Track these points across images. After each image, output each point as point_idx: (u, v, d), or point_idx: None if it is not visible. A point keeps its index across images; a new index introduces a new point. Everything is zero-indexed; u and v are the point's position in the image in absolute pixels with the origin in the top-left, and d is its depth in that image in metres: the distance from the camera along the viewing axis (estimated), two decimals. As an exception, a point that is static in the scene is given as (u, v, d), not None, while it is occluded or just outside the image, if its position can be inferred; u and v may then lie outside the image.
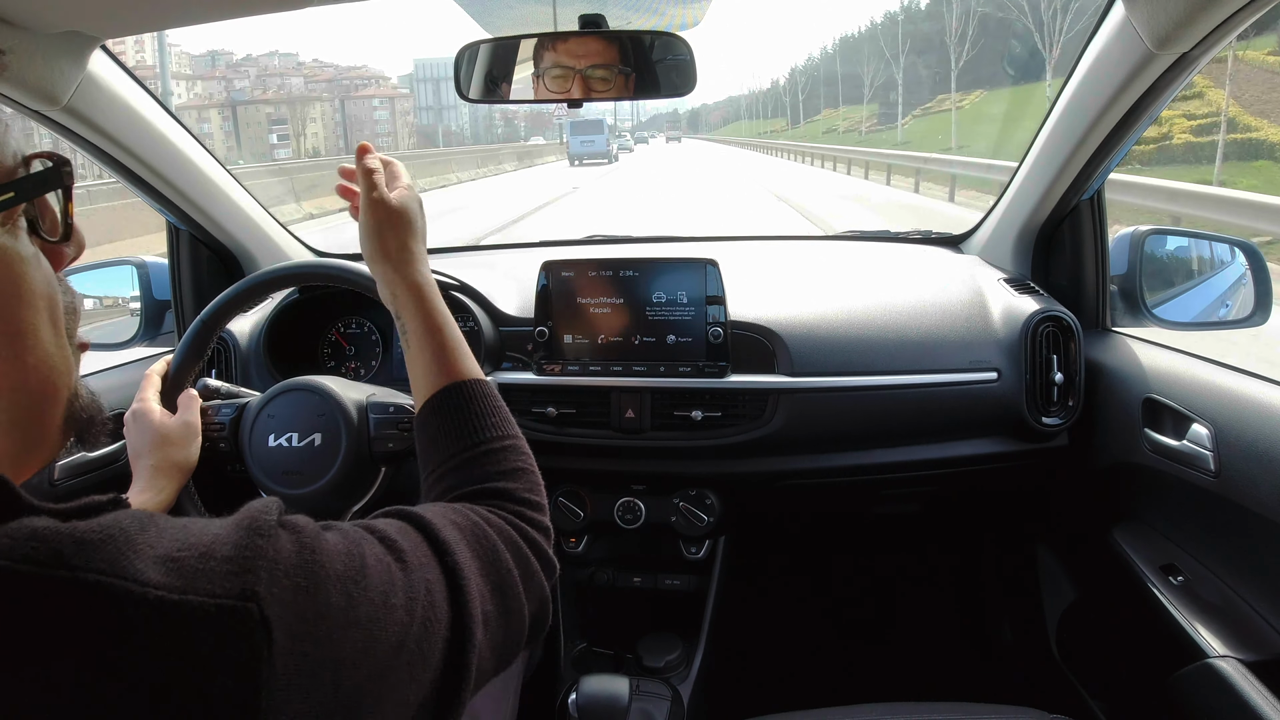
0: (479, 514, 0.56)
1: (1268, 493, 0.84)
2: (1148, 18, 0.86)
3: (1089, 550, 1.26)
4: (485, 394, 0.66)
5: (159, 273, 1.36)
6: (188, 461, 0.90)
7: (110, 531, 0.34)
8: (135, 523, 0.36)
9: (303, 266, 1.02)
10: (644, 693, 1.14)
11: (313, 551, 0.40)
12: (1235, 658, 0.87)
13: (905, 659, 1.61)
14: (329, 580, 0.39)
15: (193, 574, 0.35)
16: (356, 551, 0.43)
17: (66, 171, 0.45)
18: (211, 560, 0.36)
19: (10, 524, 0.34)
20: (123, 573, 0.33)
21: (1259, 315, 1.11)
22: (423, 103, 63.57)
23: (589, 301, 1.17)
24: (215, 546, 0.37)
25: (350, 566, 0.41)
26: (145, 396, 0.91)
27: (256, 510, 0.40)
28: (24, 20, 0.81)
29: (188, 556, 0.35)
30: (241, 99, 77.50)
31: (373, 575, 0.42)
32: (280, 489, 0.91)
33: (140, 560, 0.34)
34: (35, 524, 0.34)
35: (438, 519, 0.51)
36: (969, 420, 1.16)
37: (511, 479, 0.61)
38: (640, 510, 1.24)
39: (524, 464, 0.63)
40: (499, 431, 0.64)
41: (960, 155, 16.03)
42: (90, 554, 0.33)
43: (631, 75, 1.01)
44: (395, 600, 0.43)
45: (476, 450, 0.62)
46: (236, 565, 0.36)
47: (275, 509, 0.41)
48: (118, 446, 1.14)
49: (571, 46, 1.00)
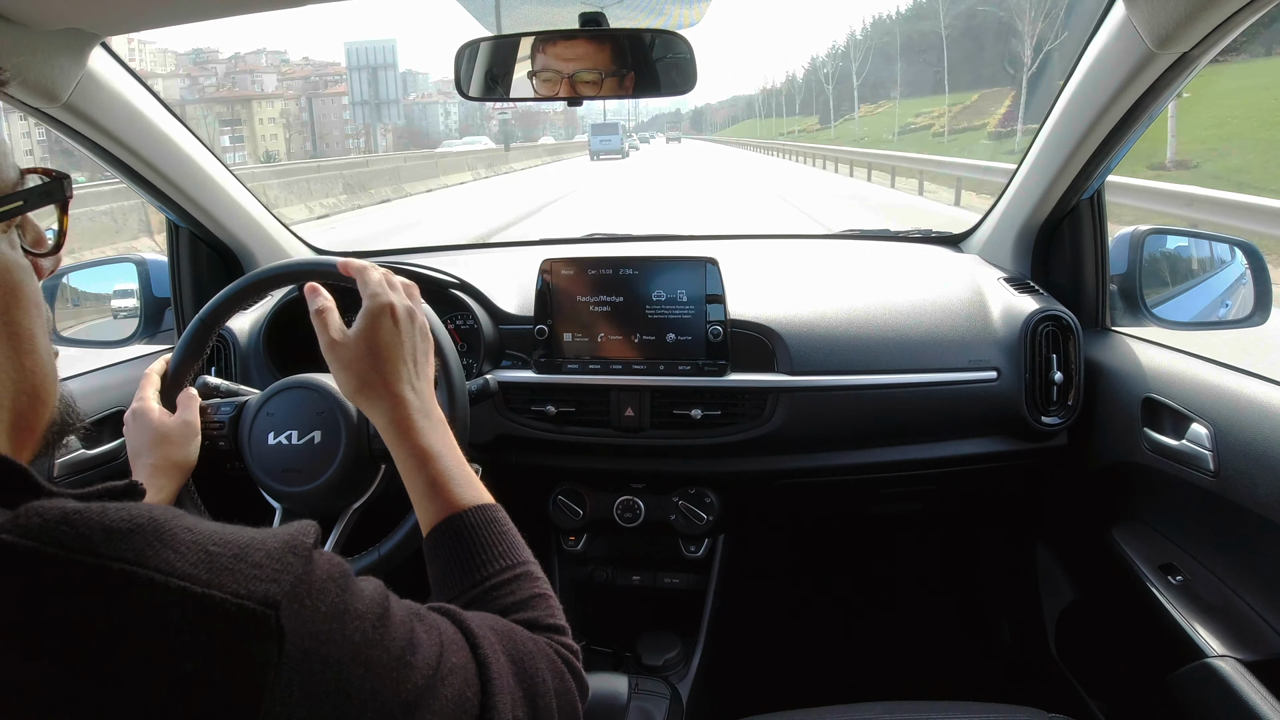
0: (512, 626, 0.54)
1: (1267, 492, 0.84)
2: (1148, 17, 0.86)
3: (1088, 550, 1.26)
4: (489, 520, 0.63)
5: (159, 270, 1.36)
6: (187, 461, 0.90)
7: (139, 521, 0.35)
8: (167, 513, 0.37)
9: (302, 264, 1.02)
10: (643, 691, 1.14)
11: (341, 587, 0.41)
12: (1234, 657, 0.87)
13: (905, 658, 1.61)
14: (349, 614, 0.40)
15: (222, 570, 0.36)
16: (383, 602, 0.44)
17: (68, 184, 0.47)
18: (243, 562, 0.37)
19: (41, 502, 0.34)
20: (148, 562, 0.34)
21: (1259, 315, 1.11)
22: (358, 97, 55.38)
23: (589, 300, 1.17)
24: (250, 550, 0.38)
25: (374, 610, 0.42)
26: (145, 395, 0.91)
27: (296, 530, 0.41)
28: (24, 18, 0.81)
29: (222, 553, 0.36)
30: (191, 98, 73.29)
31: (395, 627, 0.43)
32: (280, 487, 0.92)
33: (169, 550, 0.35)
34: (67, 506, 0.34)
35: (473, 619, 0.51)
36: (968, 419, 1.16)
37: (529, 608, 0.58)
38: (640, 509, 1.24)
39: (539, 589, 0.60)
40: (508, 560, 0.60)
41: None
42: (119, 543, 0.34)
43: (631, 74, 1.01)
44: (414, 660, 0.43)
45: (486, 584, 0.59)
46: (266, 572, 0.37)
47: (313, 534, 0.42)
48: (117, 444, 1.14)
49: (571, 45, 1.00)
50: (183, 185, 1.23)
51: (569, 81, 1.00)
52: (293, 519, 0.95)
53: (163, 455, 0.88)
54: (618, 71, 1.00)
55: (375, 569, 0.89)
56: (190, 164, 1.22)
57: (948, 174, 12.85)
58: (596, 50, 1.00)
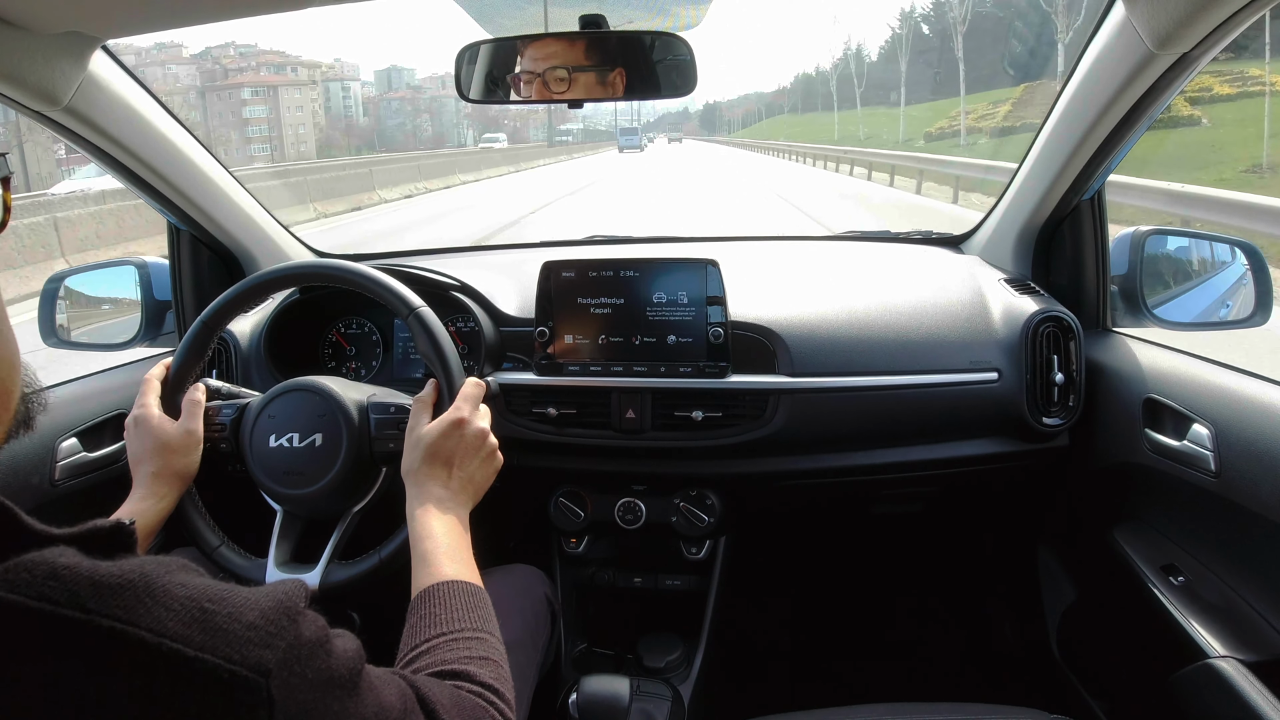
0: (457, 684, 0.59)
1: (1268, 493, 0.84)
2: (1148, 18, 0.86)
3: (1089, 550, 1.26)
4: (467, 592, 0.70)
5: (160, 273, 1.36)
6: (188, 469, 0.90)
7: (130, 577, 0.35)
8: (159, 567, 0.36)
9: (303, 267, 1.02)
10: (644, 693, 1.14)
11: (326, 651, 0.41)
12: (1236, 658, 0.87)
13: (906, 659, 1.61)
14: (332, 683, 0.41)
15: (216, 631, 0.35)
16: (357, 665, 0.45)
17: (4, 163, 0.47)
18: (237, 622, 0.36)
19: (28, 557, 0.34)
20: (140, 621, 0.33)
21: (1259, 315, 1.11)
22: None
23: (589, 302, 1.17)
24: (244, 610, 0.37)
25: (350, 678, 0.43)
26: (146, 402, 0.91)
27: (289, 589, 0.42)
28: (24, 21, 0.81)
29: (216, 611, 0.36)
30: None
31: (364, 695, 0.45)
32: (281, 489, 0.92)
33: (160, 608, 0.34)
34: (56, 562, 0.34)
35: (423, 682, 0.54)
36: (969, 420, 1.16)
37: (479, 665, 0.62)
38: (641, 510, 1.24)
39: (493, 655, 0.64)
40: (473, 624, 0.66)
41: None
42: (108, 598, 0.33)
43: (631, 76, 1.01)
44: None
45: (447, 637, 0.64)
46: (261, 635, 0.37)
47: (303, 594, 0.43)
48: (117, 448, 1.14)
49: (571, 47, 1.00)
50: (184, 188, 1.23)
51: (581, 79, 1.00)
52: (294, 520, 0.95)
53: (164, 463, 0.88)
54: (618, 73, 1.00)
55: (375, 571, 0.89)
56: (191, 167, 1.22)
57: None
58: (597, 52, 1.00)
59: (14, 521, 0.36)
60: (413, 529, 0.77)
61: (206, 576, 0.39)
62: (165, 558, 0.38)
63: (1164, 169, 8.69)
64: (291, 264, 1.03)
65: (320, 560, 0.91)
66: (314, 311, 1.32)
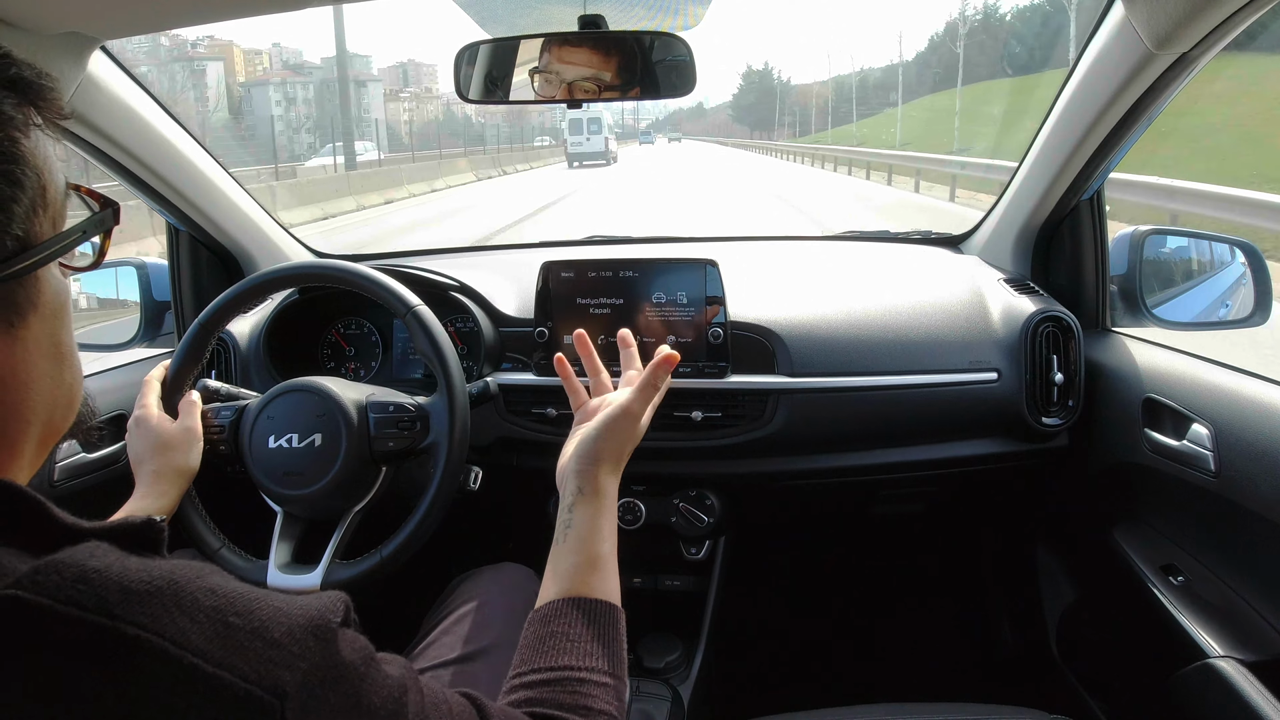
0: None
1: (1268, 493, 0.84)
2: (1148, 18, 0.86)
3: (1089, 550, 1.26)
4: (604, 619, 0.63)
5: (159, 274, 1.36)
6: (189, 467, 0.90)
7: (159, 583, 0.34)
8: (189, 572, 0.36)
9: (301, 267, 1.02)
10: (644, 694, 1.13)
11: (360, 675, 0.39)
12: (1236, 658, 0.87)
13: (905, 659, 1.61)
14: (360, 711, 0.38)
15: (237, 648, 0.34)
16: (401, 696, 0.41)
17: (118, 213, 0.49)
18: (260, 639, 0.35)
19: (59, 557, 0.33)
20: (164, 630, 0.33)
21: (1259, 315, 1.11)
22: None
23: (589, 302, 1.17)
24: (271, 625, 0.36)
25: (388, 706, 0.40)
26: (146, 403, 0.92)
27: (325, 604, 0.40)
28: (23, 21, 0.81)
29: (241, 626, 0.35)
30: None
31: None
32: (281, 490, 0.92)
33: (185, 618, 0.34)
34: (87, 565, 0.33)
35: (499, 714, 0.50)
36: (969, 420, 1.16)
37: (583, 715, 0.56)
38: (640, 511, 1.24)
39: (601, 706, 0.57)
40: (595, 664, 0.59)
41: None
42: (135, 605, 0.33)
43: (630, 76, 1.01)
44: None
45: (561, 674, 0.58)
46: (283, 654, 0.35)
47: (342, 609, 0.40)
48: (118, 448, 1.14)
49: (570, 48, 1.00)
50: (183, 189, 1.23)
51: (568, 84, 1.00)
52: (294, 522, 0.95)
53: (165, 462, 0.88)
54: (617, 74, 1.00)
55: (376, 571, 0.89)
56: (190, 168, 1.22)
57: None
58: (596, 53, 1.00)
59: (45, 517, 0.36)
60: (586, 523, 0.70)
61: (241, 585, 0.38)
62: (197, 563, 0.38)
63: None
64: (290, 264, 1.03)
65: (321, 561, 0.91)
66: (313, 312, 1.32)
